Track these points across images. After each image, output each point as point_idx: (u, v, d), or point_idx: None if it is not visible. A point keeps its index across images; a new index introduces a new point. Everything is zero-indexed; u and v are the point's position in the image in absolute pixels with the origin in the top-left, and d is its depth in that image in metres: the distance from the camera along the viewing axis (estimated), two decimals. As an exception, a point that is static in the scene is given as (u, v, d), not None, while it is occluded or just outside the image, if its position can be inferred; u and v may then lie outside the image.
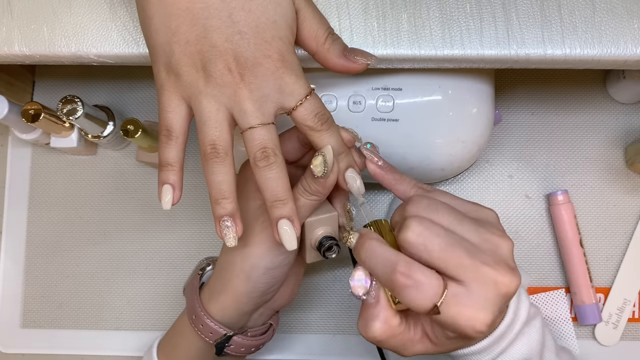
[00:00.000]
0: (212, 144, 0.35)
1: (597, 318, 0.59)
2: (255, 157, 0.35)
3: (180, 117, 0.36)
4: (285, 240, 0.37)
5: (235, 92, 0.35)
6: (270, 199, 0.36)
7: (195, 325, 0.43)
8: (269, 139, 0.35)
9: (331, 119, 0.38)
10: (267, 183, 0.36)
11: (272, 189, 0.36)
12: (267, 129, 0.35)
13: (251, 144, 0.35)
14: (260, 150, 0.35)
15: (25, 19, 0.42)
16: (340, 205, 0.43)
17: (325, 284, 0.63)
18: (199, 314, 0.43)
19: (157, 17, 0.35)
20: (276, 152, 0.36)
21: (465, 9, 0.41)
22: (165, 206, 0.37)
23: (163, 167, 0.37)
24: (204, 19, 0.34)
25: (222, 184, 0.36)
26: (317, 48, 0.38)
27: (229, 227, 0.37)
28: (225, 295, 0.42)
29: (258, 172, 0.36)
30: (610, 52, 0.40)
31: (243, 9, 0.34)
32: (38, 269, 0.65)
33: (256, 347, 0.46)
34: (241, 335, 0.44)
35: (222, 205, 0.36)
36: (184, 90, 0.35)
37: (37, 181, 0.65)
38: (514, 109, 0.63)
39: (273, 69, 0.35)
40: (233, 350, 0.44)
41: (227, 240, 0.37)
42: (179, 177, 0.37)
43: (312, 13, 0.38)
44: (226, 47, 0.34)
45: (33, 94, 0.66)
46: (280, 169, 0.36)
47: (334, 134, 0.37)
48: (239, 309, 0.43)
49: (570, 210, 0.60)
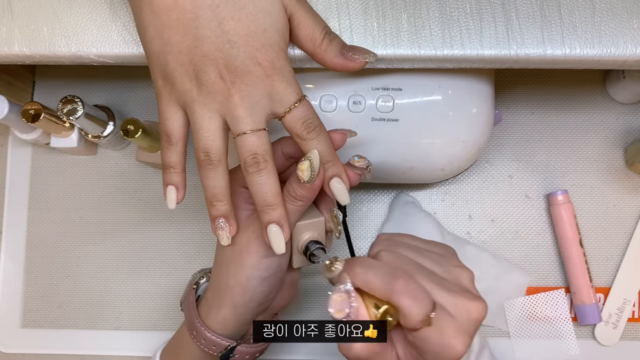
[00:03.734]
0: (205, 152, 0.36)
1: (597, 318, 0.59)
2: (245, 162, 0.36)
3: (178, 124, 0.38)
4: (274, 244, 0.38)
5: (227, 100, 0.35)
6: (260, 204, 0.37)
7: (197, 340, 0.43)
8: (259, 145, 0.36)
9: (320, 126, 0.38)
10: (257, 188, 0.37)
11: (262, 194, 0.37)
12: (258, 135, 0.36)
13: (242, 150, 0.36)
14: (251, 156, 0.36)
15: (25, 18, 0.42)
16: (326, 210, 0.44)
17: (326, 284, 0.63)
18: (199, 329, 0.43)
19: (151, 27, 0.36)
20: (266, 158, 0.36)
21: (465, 9, 0.41)
22: (170, 205, 0.39)
23: (166, 170, 0.39)
24: (195, 29, 0.35)
25: (216, 188, 0.37)
26: (314, 49, 0.39)
27: (223, 227, 0.39)
28: (225, 309, 0.42)
29: (248, 178, 0.37)
30: (610, 52, 0.40)
31: (232, 18, 0.35)
32: (38, 269, 0.65)
33: (260, 352, 0.46)
34: (244, 344, 0.44)
35: (216, 207, 0.38)
36: (179, 98, 0.37)
37: (37, 181, 0.65)
38: (514, 109, 0.63)
39: (263, 77, 0.35)
40: (238, 359, 0.44)
41: (221, 239, 0.39)
42: (182, 178, 0.39)
43: (307, 15, 0.38)
44: (217, 55, 0.35)
45: (33, 94, 0.66)
46: (270, 174, 0.37)
47: (322, 142, 0.38)
48: (239, 320, 0.43)
49: (570, 210, 0.60)
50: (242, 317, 0.43)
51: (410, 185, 0.63)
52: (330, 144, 0.39)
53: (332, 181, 0.39)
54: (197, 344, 0.43)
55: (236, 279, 0.41)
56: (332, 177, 0.39)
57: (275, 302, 0.45)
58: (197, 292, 0.47)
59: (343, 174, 0.39)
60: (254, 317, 0.44)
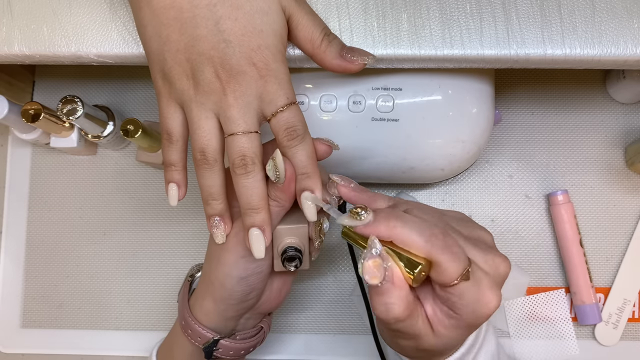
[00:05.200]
0: (201, 151, 0.37)
1: (597, 318, 0.59)
2: (234, 163, 0.36)
3: (178, 122, 0.38)
4: (254, 248, 0.38)
5: (221, 99, 0.36)
6: (244, 206, 0.37)
7: (185, 330, 0.44)
8: (249, 147, 0.36)
9: (303, 136, 0.37)
10: (242, 190, 0.37)
11: (247, 196, 0.37)
12: (249, 137, 0.36)
13: (231, 151, 0.36)
14: (240, 158, 0.36)
15: (25, 19, 0.42)
16: None
17: (326, 284, 0.63)
18: (187, 319, 0.44)
19: (150, 26, 0.36)
20: (255, 160, 0.36)
21: (465, 9, 0.41)
22: (172, 202, 0.40)
23: (167, 168, 0.39)
24: (192, 27, 0.35)
25: (212, 187, 0.38)
26: (314, 50, 0.39)
27: (218, 225, 0.39)
28: (207, 301, 0.43)
29: (235, 179, 0.37)
30: (610, 52, 0.40)
31: (229, 17, 0.35)
32: (38, 269, 0.65)
33: (246, 349, 0.46)
34: (229, 339, 0.44)
35: (212, 205, 0.39)
36: (178, 97, 0.37)
37: (37, 181, 0.65)
38: (514, 109, 0.63)
39: (257, 77, 0.36)
40: (222, 353, 0.44)
41: (215, 237, 0.40)
42: (183, 176, 0.40)
43: (306, 16, 0.38)
44: (212, 54, 0.35)
45: (33, 93, 0.66)
46: (257, 178, 0.37)
47: (300, 152, 0.37)
48: (221, 315, 0.43)
49: (570, 210, 0.60)
50: (224, 312, 0.43)
51: (410, 185, 0.63)
52: (312, 155, 0.38)
53: (303, 194, 0.38)
54: (185, 336, 0.44)
55: (216, 274, 0.42)
56: (303, 189, 0.38)
57: (262, 302, 0.45)
58: (191, 285, 0.47)
59: (317, 188, 0.38)
60: (238, 314, 0.44)
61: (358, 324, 0.62)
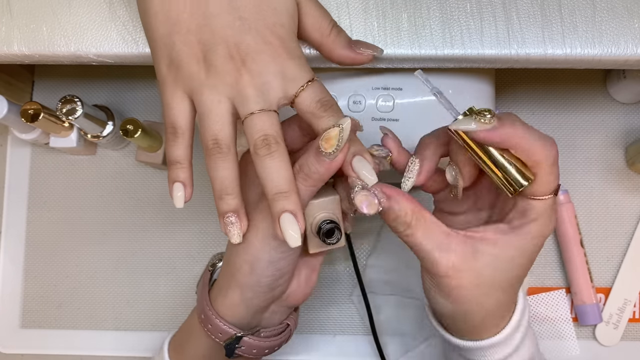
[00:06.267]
0: (214, 139, 0.34)
1: (598, 318, 0.59)
2: (255, 144, 0.34)
3: (184, 112, 0.35)
4: (288, 237, 0.34)
5: (237, 80, 0.34)
6: (271, 191, 0.34)
7: (204, 325, 0.40)
8: (270, 125, 0.34)
9: (336, 106, 0.35)
10: (267, 173, 0.34)
11: (274, 179, 0.34)
12: (269, 115, 0.34)
13: (251, 131, 0.34)
14: (261, 138, 0.33)
15: (24, 18, 0.42)
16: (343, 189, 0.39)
17: (326, 284, 0.63)
18: (207, 313, 0.40)
19: (158, 8, 0.35)
20: (278, 140, 0.34)
21: (466, 9, 0.41)
22: (178, 204, 0.37)
23: (172, 165, 0.36)
24: (205, 6, 0.34)
25: (226, 179, 0.35)
26: (322, 40, 0.38)
27: (233, 223, 0.36)
28: (232, 291, 0.39)
29: (258, 161, 0.34)
30: (610, 51, 0.40)
31: None
32: (38, 269, 0.64)
33: (270, 348, 0.42)
34: (252, 336, 0.40)
35: (226, 201, 0.35)
36: (186, 84, 0.35)
37: (36, 181, 0.65)
38: (514, 109, 0.63)
39: (275, 55, 0.34)
40: (244, 351, 0.41)
41: (231, 237, 0.36)
42: (189, 174, 0.37)
43: (315, 5, 0.37)
44: (227, 33, 0.34)
45: (32, 93, 0.66)
46: (282, 158, 0.34)
47: None
48: (247, 306, 0.40)
49: (570, 210, 0.60)
50: (250, 303, 0.39)
51: (410, 185, 0.63)
52: None
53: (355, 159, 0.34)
54: (204, 330, 0.41)
55: (244, 257, 0.38)
56: (355, 155, 0.35)
57: (290, 292, 0.42)
58: (212, 275, 0.44)
59: (366, 152, 0.35)
60: (266, 305, 0.41)
61: (358, 324, 0.62)
